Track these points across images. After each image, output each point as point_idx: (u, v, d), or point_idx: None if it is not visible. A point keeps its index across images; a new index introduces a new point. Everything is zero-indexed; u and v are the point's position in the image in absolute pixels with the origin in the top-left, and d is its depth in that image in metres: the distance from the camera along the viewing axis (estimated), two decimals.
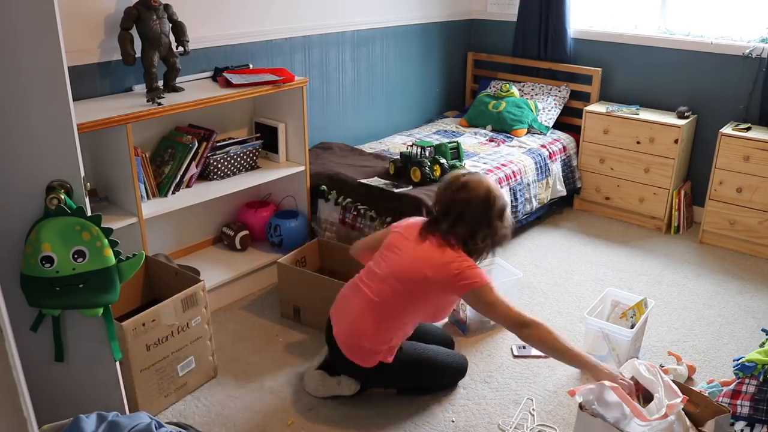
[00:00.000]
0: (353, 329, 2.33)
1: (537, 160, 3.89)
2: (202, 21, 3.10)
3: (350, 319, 2.35)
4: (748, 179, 3.58)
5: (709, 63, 3.87)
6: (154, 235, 3.03)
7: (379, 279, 2.32)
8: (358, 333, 2.31)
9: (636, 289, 3.30)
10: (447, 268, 2.22)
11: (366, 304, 2.32)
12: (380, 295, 2.29)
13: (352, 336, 2.33)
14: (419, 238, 2.30)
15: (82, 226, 1.61)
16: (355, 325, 2.32)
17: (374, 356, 2.32)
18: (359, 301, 2.34)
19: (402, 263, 2.29)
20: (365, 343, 2.31)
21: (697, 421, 2.04)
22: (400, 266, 2.29)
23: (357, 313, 2.33)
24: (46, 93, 1.52)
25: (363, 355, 2.32)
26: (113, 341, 1.79)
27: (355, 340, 2.32)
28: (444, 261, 2.23)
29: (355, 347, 2.32)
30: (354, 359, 2.33)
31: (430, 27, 4.51)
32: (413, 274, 2.25)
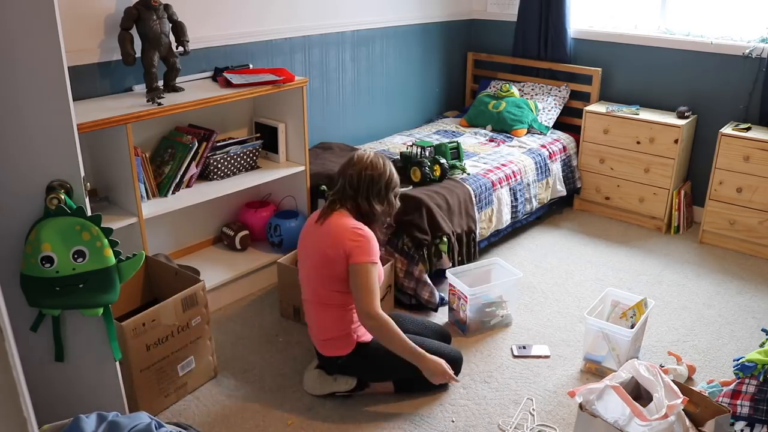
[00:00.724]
0: (318, 331, 2.46)
1: (537, 160, 3.89)
2: (202, 21, 3.10)
3: (310, 320, 2.49)
4: (748, 179, 3.59)
5: (709, 63, 3.87)
6: (154, 235, 3.03)
7: (306, 273, 2.44)
8: (322, 332, 2.44)
9: (636, 289, 3.30)
10: (342, 234, 2.30)
11: (312, 304, 2.44)
12: (315, 293, 2.41)
13: (318, 334, 2.46)
14: (317, 223, 2.40)
15: (82, 226, 1.62)
16: (316, 327, 2.46)
17: (347, 340, 2.41)
18: (309, 301, 2.46)
19: (309, 254, 2.41)
20: (331, 335, 2.42)
21: (697, 421, 2.04)
22: (312, 258, 2.39)
23: (312, 316, 2.46)
24: (46, 93, 1.52)
25: (337, 345, 2.42)
26: (113, 341, 1.79)
27: (321, 336, 2.45)
28: (339, 228, 2.32)
29: (327, 343, 2.44)
30: (333, 353, 2.43)
31: (430, 27, 4.51)
32: (325, 255, 2.33)
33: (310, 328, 2.51)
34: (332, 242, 2.31)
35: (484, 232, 3.47)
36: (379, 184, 2.40)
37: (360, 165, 2.39)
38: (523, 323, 3.02)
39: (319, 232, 2.37)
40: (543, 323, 3.02)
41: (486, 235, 3.50)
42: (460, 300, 2.89)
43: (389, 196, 2.45)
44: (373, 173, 2.38)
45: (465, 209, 3.29)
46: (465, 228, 3.27)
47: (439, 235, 3.08)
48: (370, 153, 2.46)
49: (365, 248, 2.29)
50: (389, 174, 2.43)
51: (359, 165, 2.39)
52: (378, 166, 2.41)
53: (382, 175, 2.40)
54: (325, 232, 2.35)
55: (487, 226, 3.49)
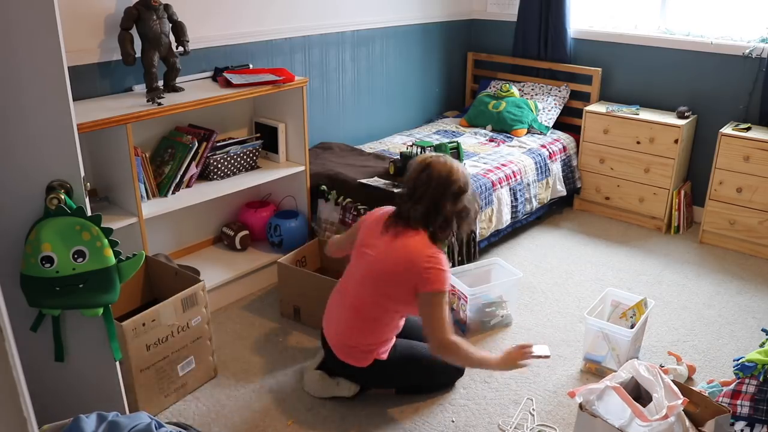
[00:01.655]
0: (343, 334, 2.35)
1: (537, 160, 3.89)
2: (202, 21, 3.10)
3: (338, 324, 2.36)
4: (748, 179, 3.58)
5: (709, 63, 3.87)
6: (154, 235, 3.03)
7: (357, 282, 2.33)
8: (348, 337, 2.33)
9: (636, 289, 3.30)
10: (414, 260, 2.17)
11: (349, 309, 2.33)
12: (360, 299, 2.29)
13: (342, 340, 2.35)
14: (382, 231, 2.27)
15: (82, 226, 1.62)
16: (344, 329, 2.34)
17: (368, 355, 2.33)
18: (343, 306, 2.35)
19: (373, 263, 2.27)
20: (356, 345, 2.32)
21: (697, 421, 2.04)
22: (372, 266, 2.27)
23: (343, 318, 2.35)
24: (46, 93, 1.52)
25: (357, 355, 2.33)
26: (113, 341, 1.79)
27: (346, 343, 2.34)
28: (412, 252, 2.18)
29: (348, 350, 2.34)
30: (349, 361, 2.34)
31: (430, 27, 4.51)
32: (382, 270, 2.23)
33: (332, 328, 2.38)
34: (404, 264, 2.17)
35: (484, 232, 3.47)
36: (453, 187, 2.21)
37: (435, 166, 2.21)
38: (523, 323, 3.02)
39: (391, 244, 2.23)
40: (543, 323, 3.02)
41: (486, 235, 3.50)
42: (460, 300, 2.89)
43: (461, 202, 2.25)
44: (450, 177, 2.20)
45: None
46: None
47: None
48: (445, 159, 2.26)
49: (441, 277, 2.16)
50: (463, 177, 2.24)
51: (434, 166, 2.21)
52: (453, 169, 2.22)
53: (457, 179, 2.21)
54: (399, 247, 2.20)
55: (487, 226, 3.49)
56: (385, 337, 2.34)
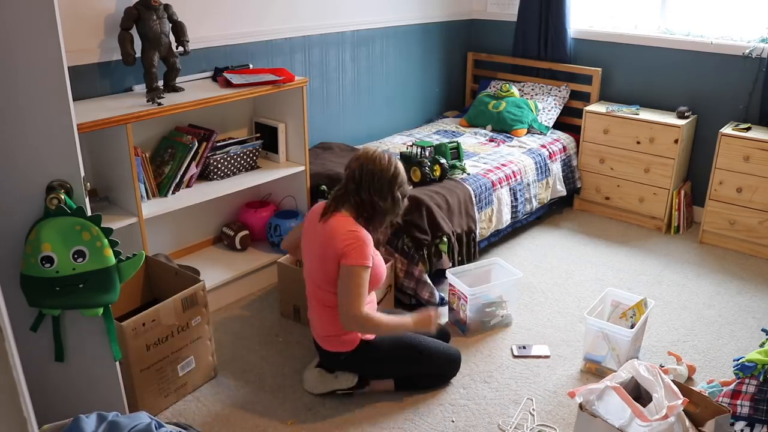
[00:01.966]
0: (319, 327, 2.44)
1: (537, 160, 3.89)
2: (202, 21, 3.10)
3: (314, 317, 2.47)
4: (748, 179, 3.58)
5: (709, 63, 3.87)
6: (154, 235, 3.03)
7: (308, 273, 2.43)
8: (323, 329, 2.42)
9: (636, 289, 3.30)
10: (337, 235, 2.26)
11: (315, 298, 2.42)
12: (318, 286, 2.38)
13: (320, 332, 2.44)
14: (320, 220, 2.36)
15: (82, 226, 1.62)
16: (317, 323, 2.45)
17: (350, 337, 2.40)
18: (311, 298, 2.45)
19: (310, 253, 2.39)
20: (333, 332, 2.39)
21: (697, 421, 2.04)
22: (313, 253, 2.37)
23: (315, 309, 2.44)
24: (47, 93, 1.52)
25: (339, 342, 2.41)
26: (113, 341, 1.79)
27: (325, 333, 2.42)
28: (336, 229, 2.28)
29: (329, 338, 2.42)
30: (336, 348, 2.42)
31: (430, 27, 4.51)
32: (322, 256, 2.31)
33: (312, 325, 2.49)
34: (327, 243, 2.28)
35: (484, 232, 3.47)
36: (382, 180, 2.31)
37: (363, 159, 2.33)
38: (523, 323, 3.02)
39: (319, 232, 2.35)
40: (543, 323, 3.02)
41: (486, 235, 3.50)
42: (460, 300, 2.89)
43: (394, 193, 2.35)
44: (375, 167, 2.31)
45: (465, 209, 3.29)
46: (465, 228, 3.27)
47: (439, 235, 3.08)
48: (378, 149, 2.39)
49: (358, 250, 2.24)
50: (394, 170, 2.34)
51: (362, 159, 2.33)
52: (382, 160, 2.33)
53: (385, 170, 2.31)
54: (323, 232, 2.32)
55: (487, 226, 3.49)
56: None
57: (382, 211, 2.35)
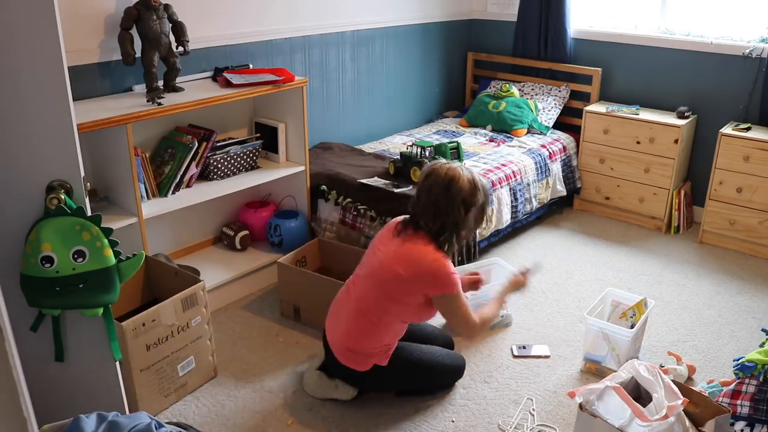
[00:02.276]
0: (344, 336, 2.34)
1: (537, 160, 3.89)
2: (202, 21, 3.10)
3: (341, 326, 2.36)
4: (748, 179, 3.58)
5: (709, 63, 3.87)
6: (154, 235, 3.03)
7: (361, 281, 2.35)
8: (350, 339, 2.32)
9: (636, 289, 3.30)
10: (420, 267, 2.19)
11: (352, 309, 2.33)
12: (363, 299, 2.30)
13: (344, 342, 2.34)
14: (394, 235, 2.29)
15: (82, 226, 1.61)
16: (345, 331, 2.34)
17: (368, 360, 2.32)
18: (347, 306, 2.36)
19: (378, 263, 2.28)
20: (357, 349, 2.31)
21: (697, 421, 2.04)
22: (377, 266, 2.29)
23: (346, 319, 2.35)
24: (46, 93, 1.52)
25: (357, 360, 2.33)
26: (113, 341, 1.79)
27: (347, 346, 2.33)
28: (417, 258, 2.19)
29: (348, 353, 2.33)
30: (349, 365, 2.34)
31: (430, 27, 4.51)
32: (387, 272, 2.23)
33: (335, 328, 2.38)
34: (411, 267, 2.18)
35: (484, 232, 3.47)
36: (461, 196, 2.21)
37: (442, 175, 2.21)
38: (523, 323, 3.02)
39: (399, 248, 2.23)
40: (543, 323, 3.02)
41: (486, 235, 3.50)
42: None
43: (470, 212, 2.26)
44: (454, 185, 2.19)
45: None
46: None
47: None
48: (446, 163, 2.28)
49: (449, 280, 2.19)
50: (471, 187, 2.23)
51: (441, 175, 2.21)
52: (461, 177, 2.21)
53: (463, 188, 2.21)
54: (405, 251, 2.21)
55: (487, 226, 3.49)
56: (386, 341, 2.33)
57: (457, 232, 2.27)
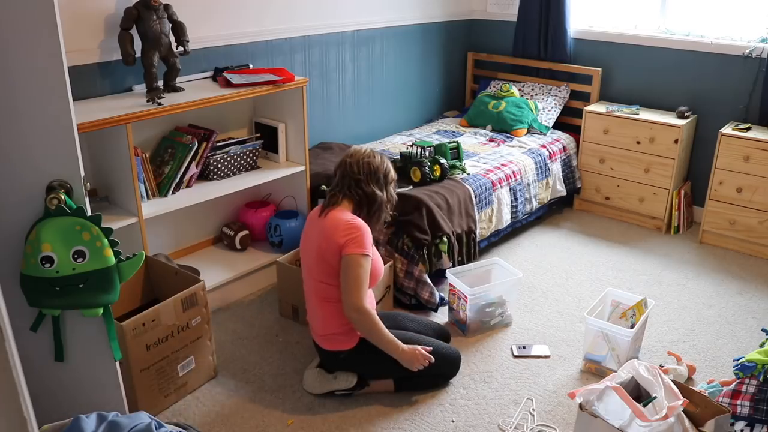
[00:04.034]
0: (318, 325, 2.46)
1: (537, 160, 3.89)
2: (202, 21, 3.10)
3: (313, 315, 2.49)
4: (748, 179, 3.58)
5: (709, 63, 3.87)
6: (154, 235, 3.03)
7: (306, 269, 2.47)
8: (323, 326, 2.44)
9: (636, 289, 3.30)
10: (336, 228, 2.33)
11: (314, 294, 2.46)
12: (318, 281, 2.41)
13: (320, 331, 2.46)
14: (319, 216, 2.42)
15: (82, 226, 1.62)
16: (317, 317, 2.46)
17: (349, 335, 2.41)
18: (310, 295, 2.48)
19: (309, 249, 2.43)
20: (333, 329, 2.42)
21: (697, 421, 2.04)
22: (311, 248, 2.42)
23: (315, 307, 2.47)
24: (46, 93, 1.52)
25: (339, 340, 2.42)
26: (113, 341, 1.79)
27: (324, 331, 2.45)
28: (334, 222, 2.34)
29: (329, 337, 2.44)
30: (335, 347, 2.43)
31: (430, 27, 4.51)
32: (319, 250, 2.36)
33: (312, 324, 2.51)
34: (327, 235, 2.34)
35: (484, 232, 3.47)
36: (378, 173, 2.44)
37: (358, 155, 2.45)
38: (523, 323, 3.02)
39: (317, 227, 2.40)
40: (543, 323, 3.02)
41: (486, 235, 3.50)
42: (460, 300, 2.89)
43: (389, 187, 2.49)
44: (371, 161, 2.44)
45: (465, 209, 3.29)
46: (465, 228, 3.27)
47: (439, 235, 3.08)
48: (367, 147, 2.52)
49: (357, 240, 2.31)
50: (387, 166, 2.49)
51: (357, 155, 2.45)
52: (376, 156, 2.47)
53: (380, 165, 2.46)
54: (321, 225, 2.38)
55: (487, 226, 3.49)
56: None
57: (381, 203, 2.44)
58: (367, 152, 2.47)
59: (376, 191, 2.42)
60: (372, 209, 2.43)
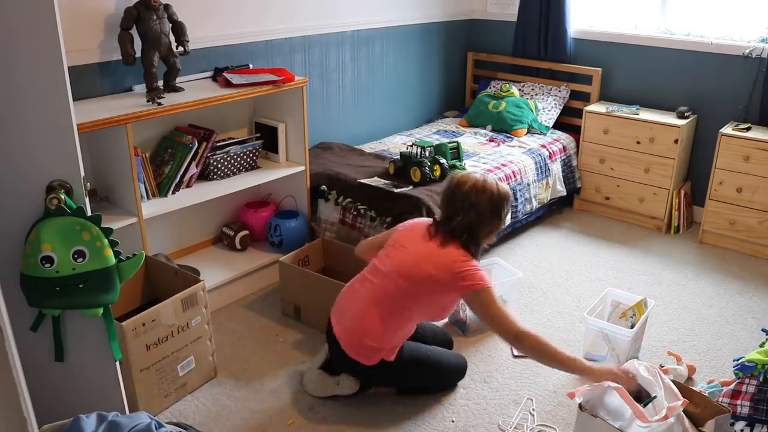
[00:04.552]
0: (357, 328, 2.33)
1: (537, 160, 3.89)
2: (202, 21, 3.10)
3: (354, 318, 2.35)
4: (748, 179, 3.58)
5: (709, 63, 3.87)
6: (154, 235, 3.03)
7: (383, 275, 2.34)
8: (362, 331, 2.32)
9: (636, 289, 3.30)
10: (451, 267, 2.24)
11: (370, 301, 2.33)
12: (384, 292, 2.31)
13: (355, 334, 2.33)
14: (425, 237, 2.33)
15: (82, 226, 1.61)
16: (359, 323, 2.33)
17: (377, 354, 2.32)
18: (363, 298, 2.35)
19: (406, 260, 2.31)
20: (369, 342, 2.31)
21: (697, 421, 2.04)
22: (405, 262, 2.31)
23: (361, 310, 2.33)
24: (46, 93, 1.52)
25: (366, 353, 2.33)
26: (113, 341, 1.79)
27: (358, 338, 2.33)
28: (448, 260, 2.25)
29: (359, 346, 2.33)
30: (357, 358, 2.34)
31: (430, 27, 4.51)
32: (417, 270, 2.27)
33: (343, 324, 2.37)
34: (443, 267, 2.24)
35: None
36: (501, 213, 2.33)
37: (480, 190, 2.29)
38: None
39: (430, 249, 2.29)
40: (543, 323, 3.02)
41: None
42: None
43: (504, 218, 2.38)
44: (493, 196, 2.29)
45: None
46: None
47: None
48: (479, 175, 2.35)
49: (478, 276, 2.24)
50: (507, 195, 2.35)
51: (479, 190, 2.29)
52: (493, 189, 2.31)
53: (502, 196, 2.32)
54: (434, 252, 2.27)
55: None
56: (398, 338, 2.35)
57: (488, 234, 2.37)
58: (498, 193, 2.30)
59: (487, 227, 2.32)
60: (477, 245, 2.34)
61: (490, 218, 2.31)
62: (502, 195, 2.32)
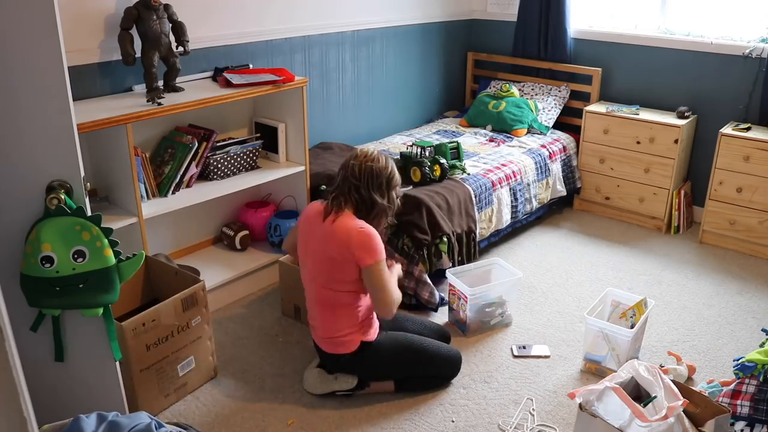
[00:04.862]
0: (323, 328, 2.44)
1: (537, 160, 3.89)
2: (202, 21, 3.10)
3: (317, 322, 2.46)
4: (748, 179, 3.58)
5: (709, 63, 3.87)
6: (154, 235, 3.03)
7: (313, 275, 2.41)
8: (328, 330, 2.42)
9: (636, 289, 3.30)
10: (350, 240, 2.28)
11: (318, 303, 2.43)
12: (326, 287, 2.38)
13: (326, 334, 2.44)
14: (324, 220, 2.36)
15: (82, 226, 1.62)
16: (322, 324, 2.44)
17: (352, 337, 2.40)
18: (313, 302, 2.46)
19: (314, 255, 2.38)
20: (337, 334, 2.40)
21: (697, 421, 2.04)
22: (316, 253, 2.37)
23: (317, 313, 2.45)
24: (46, 93, 1.52)
25: (342, 344, 2.41)
26: (113, 341, 1.79)
27: (329, 336, 2.43)
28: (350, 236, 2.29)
29: (331, 340, 2.43)
30: (337, 350, 2.42)
31: (430, 27, 4.51)
32: (328, 258, 2.33)
33: (314, 327, 2.49)
34: (339, 245, 2.28)
35: (484, 232, 3.47)
36: (380, 178, 2.37)
37: (362, 158, 2.38)
38: (523, 323, 3.02)
39: (324, 233, 2.33)
40: (543, 323, 3.02)
41: (486, 235, 3.50)
42: (460, 300, 2.89)
43: (390, 193, 2.42)
44: (374, 165, 2.36)
45: (465, 209, 3.29)
46: (465, 228, 3.27)
47: (439, 235, 3.08)
48: (373, 149, 2.45)
49: (372, 248, 2.28)
50: (391, 170, 2.41)
51: (361, 158, 2.38)
52: (380, 160, 2.40)
53: (383, 169, 2.38)
54: (330, 234, 2.31)
55: (487, 226, 3.49)
56: (357, 319, 2.41)
57: (381, 209, 2.39)
58: (371, 155, 2.39)
59: (377, 198, 2.36)
60: (371, 215, 2.38)
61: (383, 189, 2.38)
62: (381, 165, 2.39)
